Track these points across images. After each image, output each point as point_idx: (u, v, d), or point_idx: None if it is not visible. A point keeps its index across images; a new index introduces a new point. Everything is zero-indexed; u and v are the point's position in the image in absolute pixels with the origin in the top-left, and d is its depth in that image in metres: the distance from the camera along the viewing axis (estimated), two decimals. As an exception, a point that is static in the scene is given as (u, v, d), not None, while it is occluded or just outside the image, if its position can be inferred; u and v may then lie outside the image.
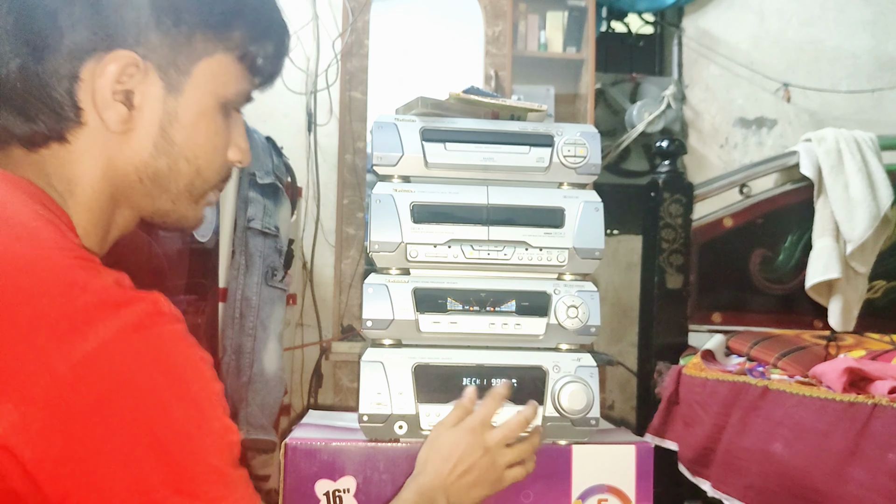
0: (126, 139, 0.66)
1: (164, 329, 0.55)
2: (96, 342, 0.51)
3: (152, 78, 0.65)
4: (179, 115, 0.67)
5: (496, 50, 2.38)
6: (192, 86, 0.67)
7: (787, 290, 2.00)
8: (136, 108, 0.65)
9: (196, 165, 0.69)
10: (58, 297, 0.52)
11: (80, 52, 0.62)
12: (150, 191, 0.69)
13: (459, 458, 0.85)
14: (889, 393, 1.18)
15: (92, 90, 0.63)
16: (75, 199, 0.65)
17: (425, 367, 0.96)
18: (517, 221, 0.99)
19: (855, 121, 2.56)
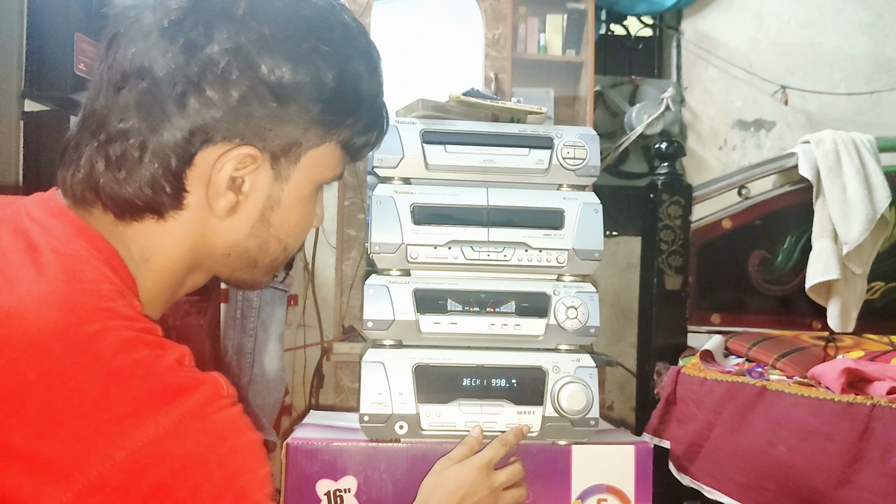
0: (224, 221, 0.66)
1: (222, 416, 0.56)
2: (157, 430, 0.52)
3: (264, 167, 0.65)
4: (282, 200, 0.67)
5: (496, 52, 2.39)
6: (297, 173, 0.67)
7: (785, 292, 2.01)
8: (244, 195, 0.65)
9: (285, 244, 0.71)
10: (122, 378, 0.53)
11: (201, 139, 0.61)
12: (234, 264, 0.69)
13: (465, 494, 0.87)
14: (887, 394, 1.19)
15: (205, 176, 0.63)
16: (150, 266, 0.65)
17: (426, 367, 0.96)
18: (517, 223, 1.00)
19: (853, 123, 2.57)
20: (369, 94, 0.69)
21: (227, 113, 0.61)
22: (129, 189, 0.61)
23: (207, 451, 0.54)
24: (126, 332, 0.55)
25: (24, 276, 0.55)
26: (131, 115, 0.60)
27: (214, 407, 0.55)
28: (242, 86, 0.61)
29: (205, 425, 0.54)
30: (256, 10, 0.62)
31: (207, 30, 0.60)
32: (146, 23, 0.60)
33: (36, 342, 0.52)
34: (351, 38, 0.67)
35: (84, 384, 0.52)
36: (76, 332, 0.53)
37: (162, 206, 0.63)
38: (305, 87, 0.63)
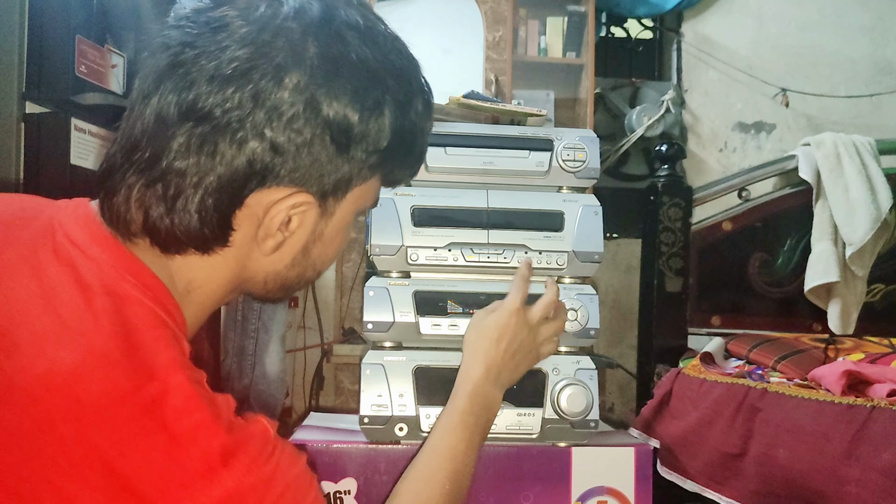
0: (269, 256, 0.66)
1: (272, 462, 0.58)
2: (221, 492, 0.54)
3: (313, 207, 0.65)
4: (324, 234, 0.68)
5: (496, 55, 2.39)
6: (341, 208, 0.67)
7: (786, 294, 2.01)
8: (290, 232, 0.65)
9: (320, 270, 0.72)
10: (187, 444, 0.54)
11: (256, 181, 0.61)
12: (270, 289, 0.70)
13: (510, 339, 0.89)
14: (888, 396, 1.19)
15: (255, 218, 0.63)
16: (192, 297, 0.65)
17: (426, 369, 0.96)
18: (517, 225, 1.00)
19: (853, 125, 2.57)
20: (423, 133, 0.70)
21: (287, 159, 0.60)
22: (179, 227, 0.61)
23: (263, 499, 0.57)
24: (186, 391, 0.55)
25: (81, 326, 0.55)
26: (189, 156, 0.59)
27: (265, 456, 0.58)
28: (307, 133, 0.60)
29: (259, 476, 0.56)
30: (326, 57, 0.60)
31: (277, 77, 0.59)
32: (210, 66, 0.58)
33: (103, 405, 0.53)
34: (412, 79, 0.67)
35: (151, 450, 0.53)
36: (140, 394, 0.54)
37: (208, 242, 0.63)
38: (369, 135, 0.63)
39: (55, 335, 0.55)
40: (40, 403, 0.53)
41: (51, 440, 0.52)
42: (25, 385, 0.53)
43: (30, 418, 0.52)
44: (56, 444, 0.52)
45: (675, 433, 1.53)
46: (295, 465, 0.60)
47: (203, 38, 0.59)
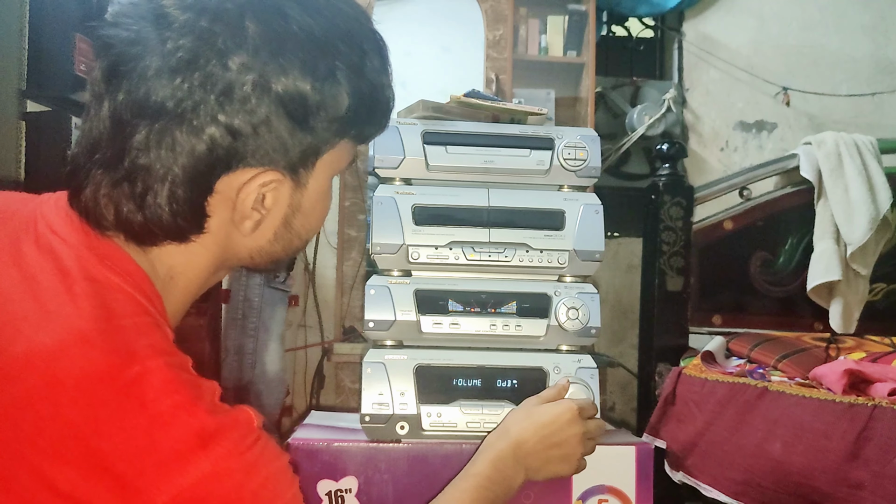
0: (249, 235, 0.66)
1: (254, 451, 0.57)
2: (197, 474, 0.53)
3: (285, 182, 0.65)
4: (302, 206, 0.68)
5: (497, 54, 2.39)
6: (314, 177, 0.67)
7: (787, 293, 2.01)
8: (266, 209, 0.65)
9: (306, 239, 0.72)
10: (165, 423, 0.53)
11: (222, 166, 0.61)
12: (257, 263, 0.70)
13: (554, 431, 0.85)
14: (889, 395, 1.19)
15: (228, 202, 0.63)
16: (175, 283, 0.65)
17: (427, 367, 0.96)
18: (518, 224, 1.00)
19: (854, 124, 2.56)
20: (383, 88, 0.69)
21: (247, 140, 0.60)
22: (152, 221, 0.61)
23: (242, 487, 0.56)
24: (165, 373, 0.55)
25: (61, 309, 0.55)
26: (150, 152, 0.59)
27: (247, 443, 0.57)
28: (261, 112, 0.60)
29: (239, 463, 0.56)
30: (267, 34, 0.60)
31: (221, 62, 0.58)
32: (154, 61, 0.58)
33: (82, 386, 0.53)
34: (362, 37, 0.67)
35: (129, 430, 0.53)
36: (119, 375, 0.53)
37: (183, 232, 0.63)
38: (326, 104, 0.63)
39: (35, 318, 0.55)
40: (19, 383, 0.53)
41: (29, 419, 0.52)
42: (3, 365, 0.53)
43: (8, 398, 0.52)
44: (34, 424, 0.52)
45: (685, 438, 1.53)
46: (277, 460, 0.60)
47: (143, 32, 0.59)
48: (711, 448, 1.44)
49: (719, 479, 1.41)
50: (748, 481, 1.34)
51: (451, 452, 0.95)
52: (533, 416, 0.87)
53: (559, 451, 0.86)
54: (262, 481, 0.57)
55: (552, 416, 0.86)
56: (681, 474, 1.51)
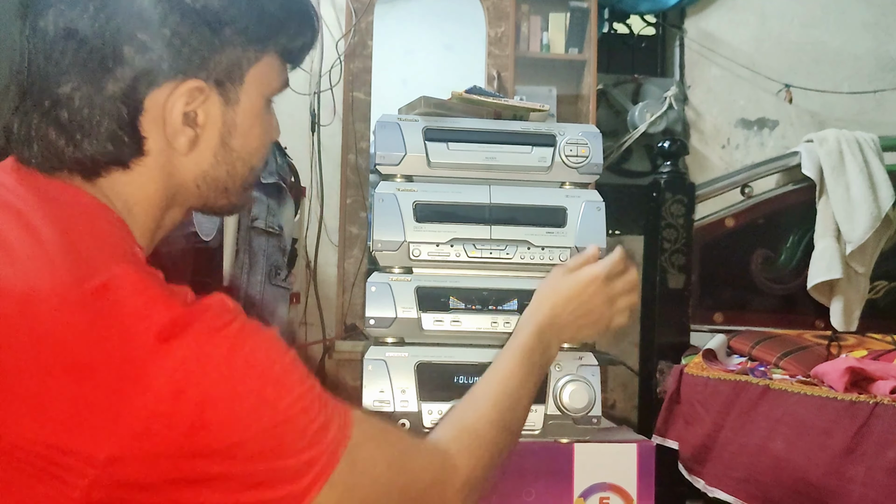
0: (188, 156, 0.67)
1: (234, 326, 0.57)
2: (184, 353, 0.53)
3: (213, 96, 0.66)
4: (237, 123, 0.68)
5: (499, 51, 2.39)
6: (245, 93, 0.68)
7: (788, 290, 2.00)
8: (200, 127, 0.66)
9: (251, 164, 0.72)
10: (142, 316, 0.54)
11: (145, 84, 0.62)
12: (207, 194, 0.70)
13: (583, 300, 0.87)
14: (890, 393, 1.19)
15: (158, 119, 0.64)
16: (132, 216, 0.66)
17: (428, 365, 0.96)
18: (519, 221, 1.00)
19: (856, 122, 2.56)
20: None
21: (163, 53, 0.62)
22: (89, 149, 0.62)
23: (232, 356, 0.56)
24: (134, 276, 0.56)
25: (23, 247, 0.56)
26: (71, 78, 0.61)
27: (224, 320, 0.57)
28: (171, 23, 0.62)
29: (220, 338, 0.56)
30: None
31: None
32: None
33: (52, 302, 0.53)
34: None
35: (105, 334, 0.53)
36: (88, 284, 0.54)
37: (124, 156, 0.64)
38: (233, 8, 0.64)
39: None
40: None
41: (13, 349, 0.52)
42: None
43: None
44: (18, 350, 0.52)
45: (696, 441, 1.52)
46: (263, 331, 0.59)
47: None
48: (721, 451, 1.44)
49: (722, 479, 1.41)
50: (749, 479, 1.34)
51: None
52: (561, 289, 0.88)
53: (588, 318, 0.88)
54: (250, 350, 0.57)
55: (579, 288, 0.87)
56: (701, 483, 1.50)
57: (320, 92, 2.36)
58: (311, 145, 2.36)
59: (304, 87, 2.35)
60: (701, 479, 1.50)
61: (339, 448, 0.60)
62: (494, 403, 0.76)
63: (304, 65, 2.67)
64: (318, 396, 0.61)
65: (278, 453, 0.56)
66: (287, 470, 0.57)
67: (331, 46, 2.36)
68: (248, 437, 0.55)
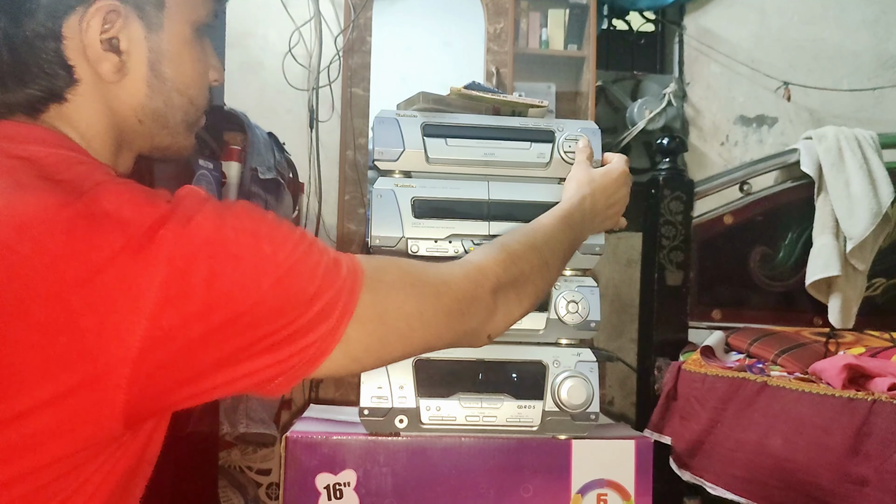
0: (121, 85, 0.67)
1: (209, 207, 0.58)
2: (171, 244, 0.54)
3: (132, 20, 0.66)
4: (164, 50, 0.69)
5: (497, 47, 2.38)
6: (169, 18, 0.68)
7: (786, 288, 2.00)
8: (125, 53, 0.66)
9: (188, 96, 0.72)
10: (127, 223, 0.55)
11: (59, 11, 0.63)
12: (150, 130, 0.71)
13: (612, 192, 0.95)
14: (888, 390, 1.19)
15: (80, 46, 0.64)
16: (92, 150, 0.66)
17: (426, 361, 0.96)
18: (518, 217, 0.99)
19: (856, 119, 2.56)
20: None
21: None
22: (21, 84, 0.63)
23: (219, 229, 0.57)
24: (114, 186, 0.58)
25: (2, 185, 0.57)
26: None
27: (200, 199, 0.59)
28: None
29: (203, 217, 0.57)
30: None
31: None
32: None
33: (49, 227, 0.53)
34: None
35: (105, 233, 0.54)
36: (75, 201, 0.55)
37: (56, 88, 0.64)
38: None
39: None
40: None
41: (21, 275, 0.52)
42: None
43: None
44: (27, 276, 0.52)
45: (691, 437, 1.52)
46: (238, 202, 0.61)
47: None
48: (715, 446, 1.44)
49: (723, 477, 1.41)
50: (751, 479, 1.34)
51: (450, 446, 0.95)
52: (597, 179, 0.94)
53: (614, 209, 0.95)
54: (233, 219, 0.58)
55: (612, 180, 0.95)
56: (688, 475, 1.50)
57: (319, 88, 2.35)
58: (310, 141, 2.35)
59: (303, 83, 2.34)
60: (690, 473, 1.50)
61: (356, 283, 0.61)
62: (532, 233, 0.80)
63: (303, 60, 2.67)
64: (314, 242, 0.62)
65: (295, 303, 0.58)
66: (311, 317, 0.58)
67: (329, 42, 2.36)
68: (261, 296, 0.56)
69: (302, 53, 2.33)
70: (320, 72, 2.34)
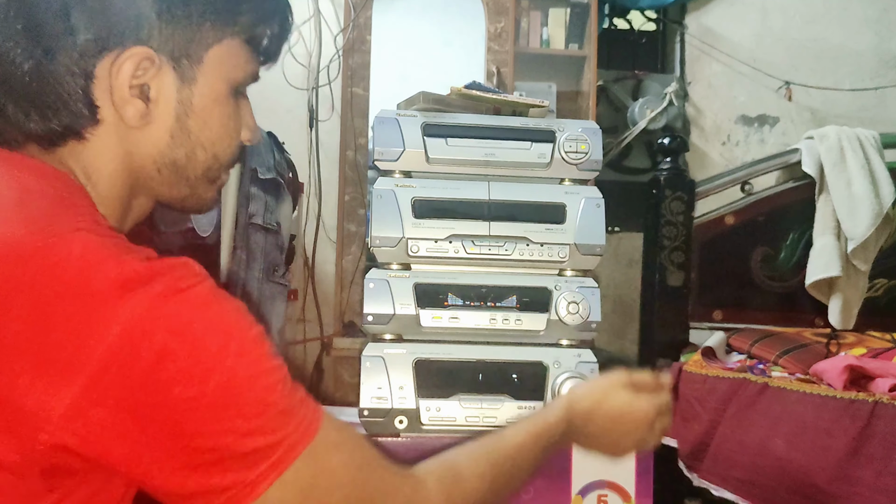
0: (143, 132, 0.66)
1: (203, 286, 0.55)
2: (148, 301, 0.52)
3: (166, 70, 0.65)
4: (194, 104, 0.67)
5: (498, 46, 2.38)
6: (204, 74, 0.67)
7: (788, 288, 2.00)
8: (153, 102, 0.65)
9: (212, 152, 0.70)
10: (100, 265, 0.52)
11: (94, 51, 0.61)
12: (169, 179, 0.69)
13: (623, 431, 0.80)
14: (889, 391, 1.18)
15: (109, 87, 0.63)
16: (93, 186, 0.65)
17: (426, 362, 0.96)
18: (518, 217, 0.99)
19: (857, 119, 2.55)
20: None
21: (111, 19, 0.61)
22: (45, 121, 0.62)
23: (195, 317, 0.53)
24: (90, 237, 0.55)
25: None
26: (19, 45, 0.60)
27: (189, 282, 0.55)
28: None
29: (181, 299, 0.53)
30: None
31: None
32: None
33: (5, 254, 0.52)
34: None
35: (63, 277, 0.52)
36: (44, 235, 0.53)
37: (78, 125, 0.63)
38: None
39: None
40: None
41: None
42: None
43: None
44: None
45: (694, 438, 1.52)
46: (232, 301, 0.57)
47: None
48: (718, 448, 1.44)
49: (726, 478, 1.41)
50: (753, 480, 1.33)
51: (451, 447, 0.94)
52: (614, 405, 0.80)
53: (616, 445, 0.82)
54: (215, 314, 0.55)
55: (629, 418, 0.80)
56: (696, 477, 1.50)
57: (318, 87, 2.35)
58: (310, 141, 2.35)
59: (303, 83, 2.34)
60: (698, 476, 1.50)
61: (300, 442, 0.55)
62: (494, 463, 0.71)
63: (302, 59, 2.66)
64: (284, 379, 0.57)
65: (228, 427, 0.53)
66: (238, 452, 0.53)
67: (329, 41, 2.36)
68: (202, 399, 0.52)
69: (301, 52, 2.33)
70: (320, 71, 2.34)
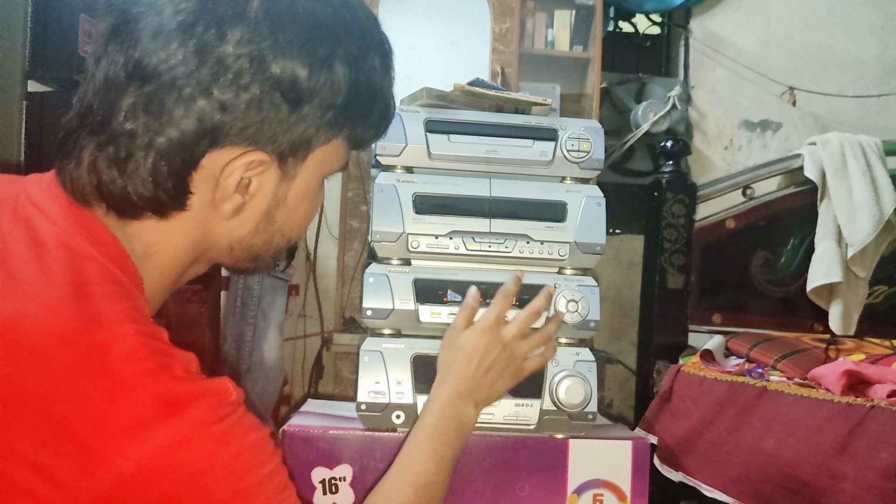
0: (229, 221, 0.65)
1: (227, 422, 0.56)
2: (165, 441, 0.52)
3: (272, 170, 0.64)
4: (288, 199, 0.66)
5: (503, 47, 2.38)
6: (304, 171, 0.66)
7: (787, 293, 2.00)
8: (250, 195, 0.64)
9: (289, 237, 0.70)
10: (129, 388, 0.52)
11: (209, 142, 0.60)
12: (237, 257, 0.69)
13: (480, 358, 0.86)
14: (888, 397, 1.18)
15: (211, 178, 0.61)
16: (152, 262, 0.64)
17: (424, 357, 0.96)
18: (519, 214, 0.99)
19: (860, 125, 2.55)
20: (382, 91, 0.68)
21: (236, 117, 0.59)
22: (133, 190, 0.60)
23: (214, 457, 0.54)
24: (133, 340, 0.54)
25: (29, 277, 0.54)
26: (137, 117, 0.58)
27: (220, 414, 0.55)
28: (254, 90, 0.59)
29: (210, 433, 0.54)
30: (270, 10, 0.59)
31: (219, 31, 0.58)
32: (153, 22, 0.58)
33: (43, 350, 0.52)
34: (366, 34, 0.66)
35: (90, 394, 0.52)
36: (84, 340, 0.53)
37: (164, 206, 0.62)
38: (320, 91, 0.62)
39: (1, 286, 0.54)
40: None
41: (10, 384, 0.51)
42: None
43: None
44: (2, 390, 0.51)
45: (678, 433, 1.52)
46: (255, 432, 0.58)
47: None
48: (710, 449, 1.44)
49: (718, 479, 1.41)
50: (741, 477, 1.33)
51: (447, 442, 0.94)
52: (456, 352, 0.87)
53: (495, 372, 0.87)
54: (235, 453, 0.56)
55: (471, 347, 0.86)
56: (680, 474, 1.50)
57: (323, 84, 2.35)
58: (313, 137, 2.35)
59: (308, 79, 2.34)
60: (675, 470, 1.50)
61: None
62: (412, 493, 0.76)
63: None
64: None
65: None
66: None
67: (335, 39, 2.36)
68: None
69: (307, 49, 2.33)
70: (325, 68, 2.34)
